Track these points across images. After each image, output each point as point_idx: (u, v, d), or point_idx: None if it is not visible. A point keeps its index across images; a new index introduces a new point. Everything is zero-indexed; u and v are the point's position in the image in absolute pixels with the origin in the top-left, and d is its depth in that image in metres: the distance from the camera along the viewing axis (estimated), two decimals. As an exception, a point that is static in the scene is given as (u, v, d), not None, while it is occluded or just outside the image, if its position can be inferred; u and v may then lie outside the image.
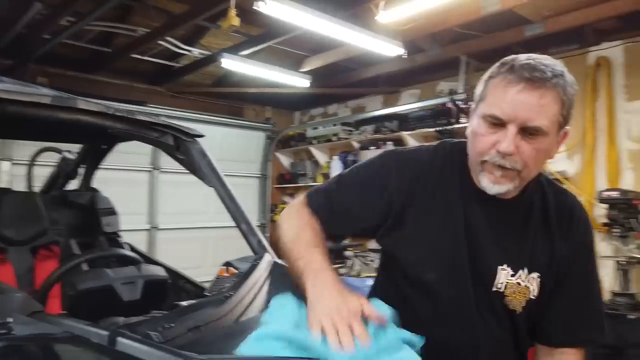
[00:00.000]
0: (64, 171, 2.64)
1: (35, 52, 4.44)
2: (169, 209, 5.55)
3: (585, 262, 1.15)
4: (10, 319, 0.87)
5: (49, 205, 2.27)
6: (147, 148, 5.39)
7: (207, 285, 1.96)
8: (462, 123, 4.77)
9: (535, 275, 1.10)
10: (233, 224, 6.55)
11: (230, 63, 4.61)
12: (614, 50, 4.20)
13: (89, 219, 2.41)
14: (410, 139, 5.20)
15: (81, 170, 2.63)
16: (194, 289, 1.92)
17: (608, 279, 3.96)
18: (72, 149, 2.73)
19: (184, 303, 1.47)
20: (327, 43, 4.70)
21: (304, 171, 6.48)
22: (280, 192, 6.85)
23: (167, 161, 5.55)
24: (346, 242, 6.05)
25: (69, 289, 1.34)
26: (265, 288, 1.34)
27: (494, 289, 1.09)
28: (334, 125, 6.07)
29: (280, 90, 5.84)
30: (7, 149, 4.56)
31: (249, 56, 4.83)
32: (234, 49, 4.77)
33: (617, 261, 3.48)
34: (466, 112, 4.79)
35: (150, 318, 1.20)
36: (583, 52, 4.36)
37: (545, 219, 1.12)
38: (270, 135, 6.60)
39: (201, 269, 4.49)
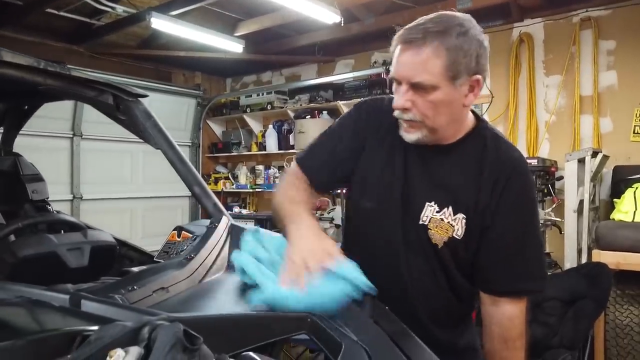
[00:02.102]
0: (-22, 134, 2.37)
1: None
2: (93, 179, 5.22)
3: (520, 216, 1.20)
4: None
5: (-37, 171, 2.04)
6: (67, 113, 5.02)
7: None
8: (395, 93, 4.88)
9: (460, 216, 1.18)
10: (161, 194, 6.27)
11: (160, 23, 4.34)
12: (535, 27, 4.48)
13: (12, 185, 2.20)
14: (346, 109, 5.24)
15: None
16: (139, 256, 1.83)
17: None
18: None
19: (135, 269, 1.41)
20: (262, 6, 4.57)
21: (237, 140, 6.34)
22: (213, 161, 6.67)
23: (89, 128, 5.22)
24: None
25: (8, 256, 1.22)
26: (226, 250, 1.31)
27: (420, 222, 1.20)
28: (269, 93, 5.96)
29: (212, 55, 5.61)
30: None
31: (178, 17, 4.57)
32: (162, 8, 4.47)
33: (535, 223, 3.79)
34: (400, 83, 4.91)
35: (106, 283, 1.14)
36: (508, 28, 4.60)
37: (478, 168, 1.19)
38: (201, 102, 6.35)
39: (130, 242, 4.31)
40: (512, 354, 1.20)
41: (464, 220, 1.18)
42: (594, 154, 3.49)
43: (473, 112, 1.25)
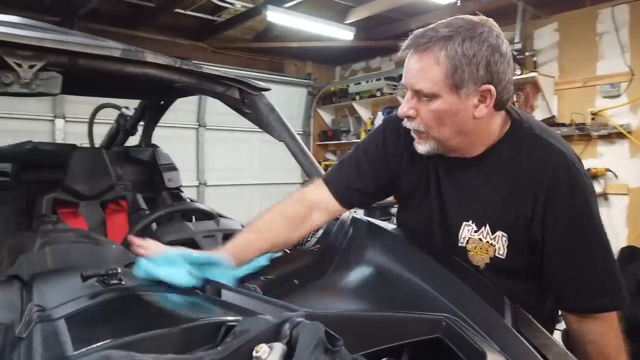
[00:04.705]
0: (123, 127, 2.65)
1: (79, 9, 4.44)
2: (216, 166, 5.63)
3: (574, 227, 1.04)
4: (119, 269, 0.87)
5: (112, 161, 2.29)
6: (193, 105, 5.44)
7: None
8: (516, 75, 4.54)
9: (499, 234, 1.08)
10: (275, 181, 6.58)
11: (275, 15, 4.48)
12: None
13: (151, 174, 2.43)
14: (460, 93, 5.00)
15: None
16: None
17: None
18: (128, 106, 2.74)
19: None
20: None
21: (346, 128, 6.38)
22: (323, 149, 6.80)
23: (212, 119, 5.61)
24: (391, 199, 6.01)
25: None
26: (347, 242, 1.31)
27: (460, 244, 1.13)
28: (378, 80, 5.89)
29: (322, 44, 5.68)
30: (60, 107, 4.64)
31: (292, 8, 4.68)
32: (276, 1, 4.62)
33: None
34: (521, 64, 4.55)
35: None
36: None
37: (512, 179, 1.07)
38: (312, 91, 6.49)
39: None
40: None
41: (504, 238, 1.08)
42: None
43: (508, 111, 1.11)
